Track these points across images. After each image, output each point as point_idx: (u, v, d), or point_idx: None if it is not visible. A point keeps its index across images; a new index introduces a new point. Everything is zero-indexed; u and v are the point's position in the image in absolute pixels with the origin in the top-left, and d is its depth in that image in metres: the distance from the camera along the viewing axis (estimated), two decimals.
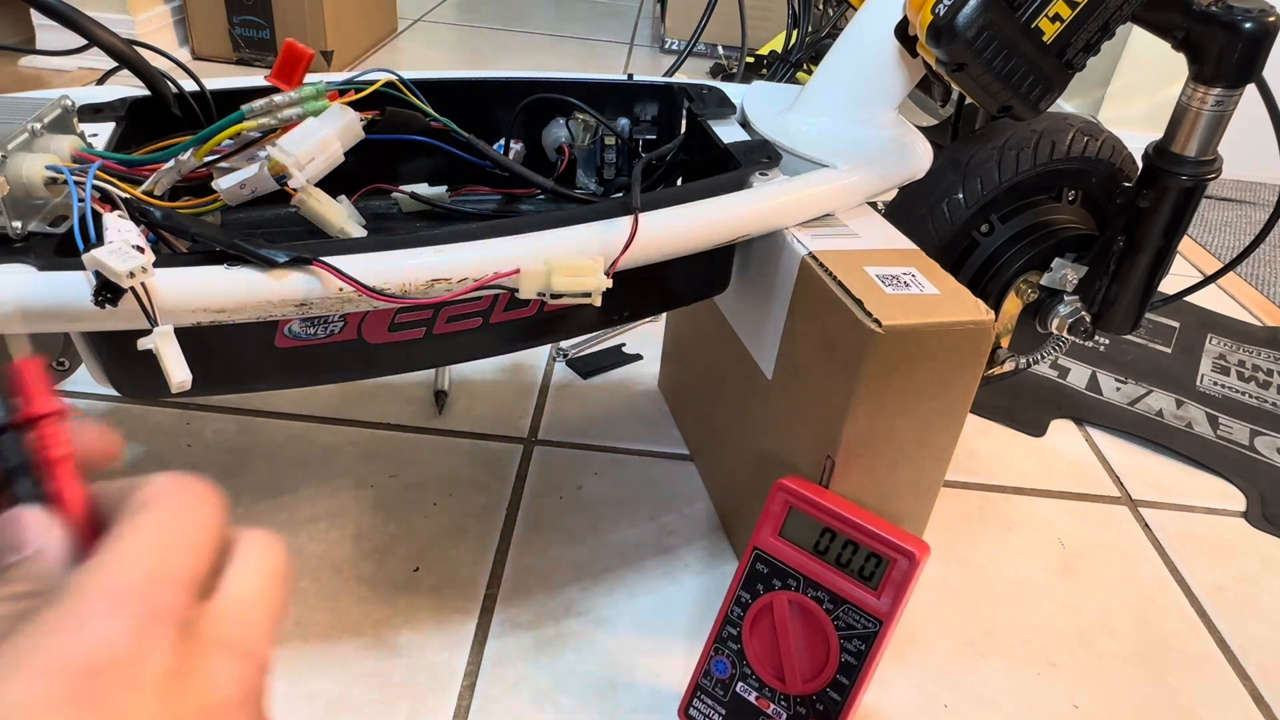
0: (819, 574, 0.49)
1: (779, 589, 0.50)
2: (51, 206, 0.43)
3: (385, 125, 0.55)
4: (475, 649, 0.63)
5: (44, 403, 0.25)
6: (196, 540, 0.25)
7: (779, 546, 0.51)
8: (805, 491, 0.51)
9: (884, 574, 0.49)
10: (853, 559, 0.49)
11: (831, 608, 0.48)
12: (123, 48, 0.50)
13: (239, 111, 0.47)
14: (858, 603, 0.49)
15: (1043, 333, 0.79)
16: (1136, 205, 0.71)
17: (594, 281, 0.46)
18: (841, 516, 0.50)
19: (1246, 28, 0.61)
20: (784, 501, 0.51)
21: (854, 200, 0.60)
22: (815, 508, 0.51)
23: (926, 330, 0.51)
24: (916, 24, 0.55)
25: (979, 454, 0.89)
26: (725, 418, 0.73)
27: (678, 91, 0.69)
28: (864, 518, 0.50)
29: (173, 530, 0.25)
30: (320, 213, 0.49)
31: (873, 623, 0.48)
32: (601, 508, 0.76)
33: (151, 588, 0.23)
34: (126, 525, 0.24)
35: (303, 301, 0.43)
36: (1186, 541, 0.82)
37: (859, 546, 0.50)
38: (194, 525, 0.25)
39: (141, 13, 1.69)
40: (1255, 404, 1.04)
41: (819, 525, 0.51)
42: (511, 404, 0.87)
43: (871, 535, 0.49)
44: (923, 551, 0.49)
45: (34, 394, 0.25)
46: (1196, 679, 0.68)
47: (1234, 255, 0.76)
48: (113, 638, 0.22)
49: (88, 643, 0.22)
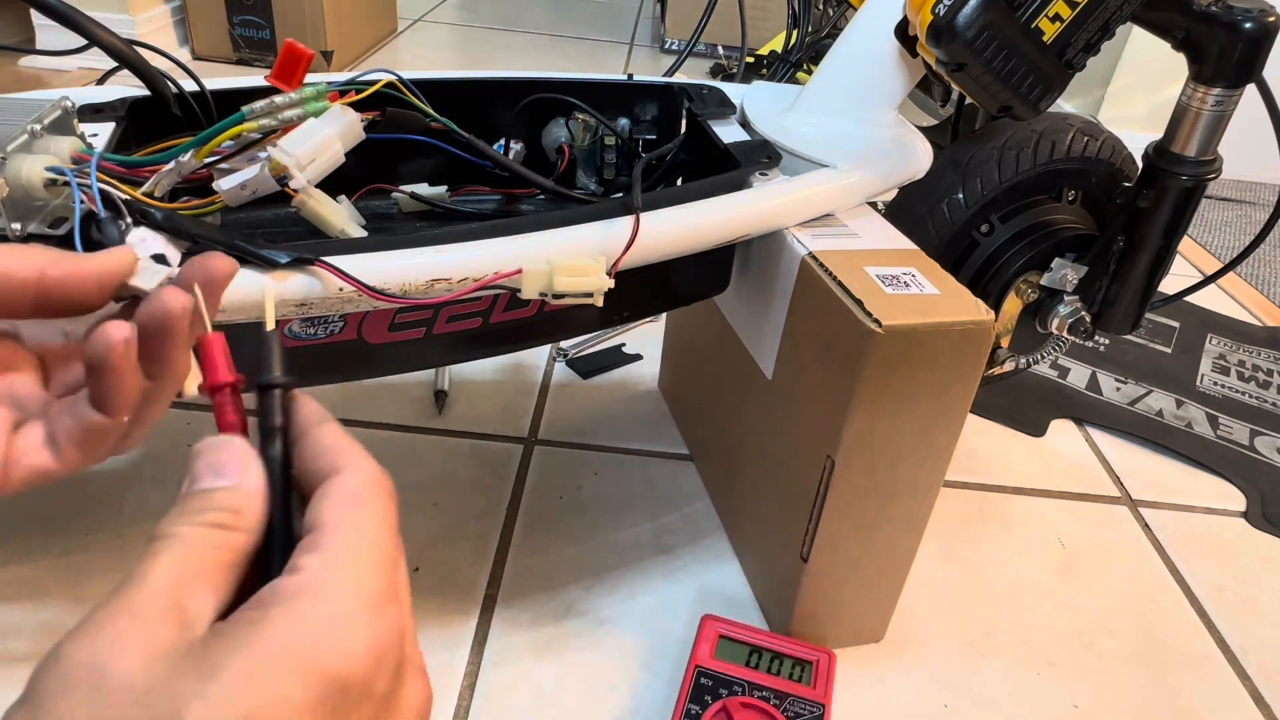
0: (759, 679, 0.58)
1: (727, 696, 0.57)
2: (51, 208, 0.43)
3: (386, 125, 0.55)
4: (475, 649, 0.63)
5: (225, 373, 0.27)
6: (400, 554, 0.25)
7: (718, 664, 0.59)
8: (730, 624, 0.62)
9: (813, 672, 0.60)
10: (782, 667, 0.60)
11: (779, 703, 0.57)
12: (123, 48, 0.50)
13: (239, 112, 0.47)
14: (800, 694, 0.58)
15: (1043, 333, 0.79)
16: (1136, 205, 0.71)
17: (596, 281, 0.46)
18: (764, 641, 0.61)
19: (1246, 28, 0.61)
20: (714, 633, 0.61)
21: (854, 200, 0.60)
22: (741, 635, 0.61)
23: (926, 330, 0.51)
24: (916, 24, 0.55)
25: (979, 454, 0.89)
26: (725, 418, 0.73)
27: (678, 91, 0.69)
28: (781, 640, 0.61)
29: (386, 541, 0.25)
30: (320, 213, 0.49)
31: (816, 707, 0.57)
32: (601, 508, 0.76)
33: (387, 603, 0.23)
34: (349, 526, 0.24)
35: (303, 302, 0.43)
36: (1186, 541, 0.82)
37: (785, 657, 0.60)
38: (393, 535, 0.25)
39: (141, 13, 1.69)
40: (1255, 404, 1.04)
41: (747, 647, 0.61)
42: (511, 404, 0.87)
43: (793, 647, 0.61)
44: (834, 655, 0.61)
45: (216, 365, 0.27)
46: (1196, 679, 0.68)
47: (1234, 255, 0.76)
48: (360, 652, 0.22)
49: (343, 653, 0.21)
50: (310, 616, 0.21)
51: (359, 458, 0.26)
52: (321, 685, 0.21)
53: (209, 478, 0.25)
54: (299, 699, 0.20)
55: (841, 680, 0.63)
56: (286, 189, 0.47)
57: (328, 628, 0.21)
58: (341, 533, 0.24)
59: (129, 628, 0.21)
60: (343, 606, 0.22)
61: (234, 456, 0.25)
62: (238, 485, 0.25)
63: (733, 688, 0.57)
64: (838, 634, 0.65)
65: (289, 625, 0.21)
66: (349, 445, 0.26)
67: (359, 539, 0.24)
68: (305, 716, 0.20)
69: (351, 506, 0.24)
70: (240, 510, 0.24)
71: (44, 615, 0.61)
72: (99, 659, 0.20)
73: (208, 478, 0.25)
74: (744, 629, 0.62)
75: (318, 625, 0.21)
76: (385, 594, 0.23)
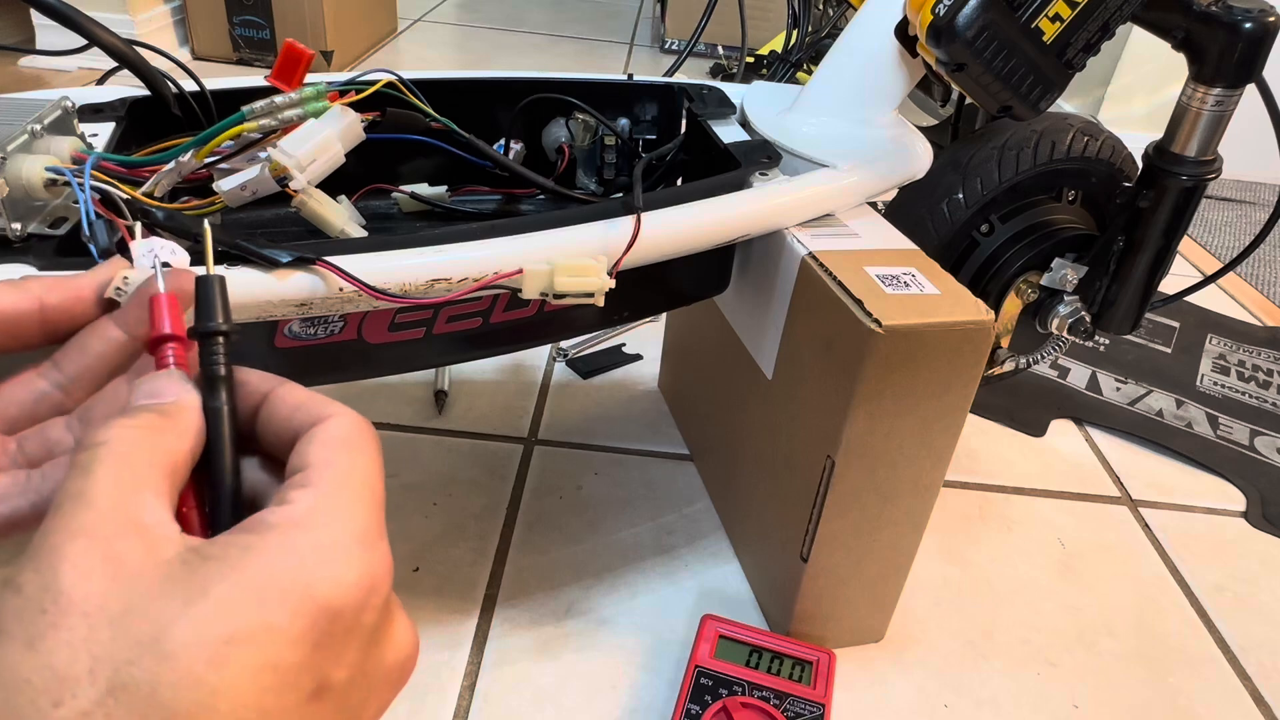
0: (759, 679, 0.58)
1: (726, 696, 0.57)
2: (51, 208, 0.43)
3: (386, 125, 0.55)
4: (475, 649, 0.63)
5: (168, 326, 0.27)
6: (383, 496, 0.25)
7: (717, 664, 0.59)
8: (730, 624, 0.62)
9: (812, 672, 0.60)
10: (782, 667, 0.60)
11: (778, 703, 0.57)
12: (123, 48, 0.50)
13: (240, 112, 0.47)
14: (800, 694, 0.58)
15: (1043, 333, 0.79)
16: (1136, 205, 0.71)
17: (597, 281, 0.46)
18: (764, 641, 0.61)
19: (1246, 28, 0.61)
20: (714, 633, 0.61)
21: (854, 200, 0.60)
22: (741, 635, 0.61)
23: (926, 330, 0.51)
24: (916, 24, 0.55)
25: (979, 454, 0.89)
26: (725, 418, 0.73)
27: (678, 91, 0.69)
28: (781, 640, 0.61)
29: (376, 481, 0.24)
30: (321, 214, 0.49)
31: (816, 707, 0.57)
32: (601, 508, 0.76)
33: (378, 539, 0.23)
34: (341, 464, 0.24)
35: (303, 301, 0.43)
36: (1186, 541, 0.82)
37: (785, 657, 0.60)
38: (381, 478, 0.25)
39: (141, 13, 1.69)
40: (1255, 404, 1.04)
41: (747, 647, 0.61)
42: (511, 404, 0.87)
43: (793, 647, 0.61)
44: (833, 655, 0.61)
45: (159, 319, 0.27)
46: (1196, 679, 0.68)
47: (1234, 255, 0.76)
48: (352, 583, 0.21)
49: (333, 581, 0.21)
50: (302, 545, 0.21)
51: (340, 406, 0.26)
52: (311, 614, 0.21)
53: (143, 401, 0.25)
54: (286, 625, 0.20)
55: (841, 680, 0.63)
56: (286, 189, 0.47)
57: (320, 556, 0.21)
58: (332, 469, 0.23)
59: (88, 549, 0.20)
60: (334, 537, 0.22)
61: (171, 383, 0.25)
62: (167, 403, 0.24)
63: (733, 688, 0.57)
64: (838, 634, 0.65)
65: (280, 552, 0.21)
66: (323, 398, 0.26)
67: (350, 476, 0.23)
68: (292, 644, 0.20)
69: (341, 448, 0.24)
70: (168, 413, 0.24)
71: None
72: (64, 584, 0.19)
73: (140, 399, 0.25)
74: (744, 629, 0.62)
75: (310, 554, 0.21)
76: (376, 530, 0.23)
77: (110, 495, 0.21)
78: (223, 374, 0.26)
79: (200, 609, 0.19)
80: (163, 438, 0.23)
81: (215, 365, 0.26)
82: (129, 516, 0.21)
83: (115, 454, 0.22)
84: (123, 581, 0.20)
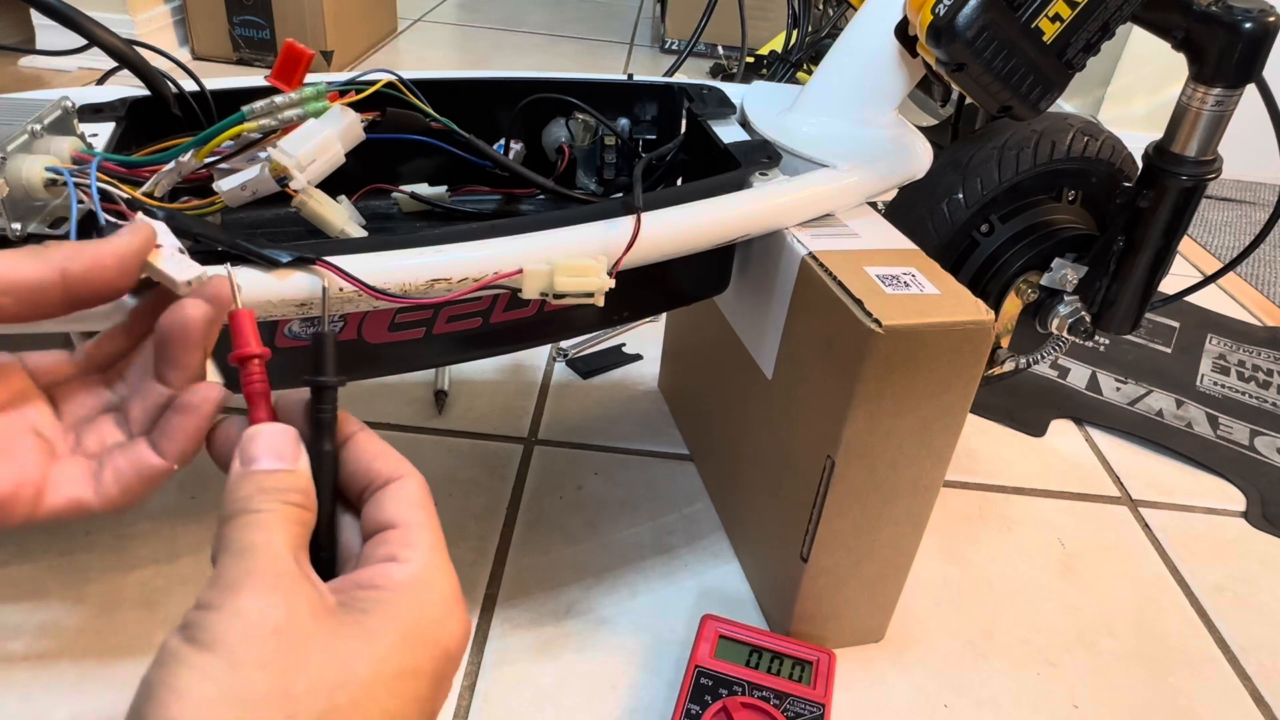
0: (759, 679, 0.58)
1: (726, 696, 0.57)
2: (51, 208, 0.43)
3: (386, 125, 0.55)
4: (475, 649, 0.63)
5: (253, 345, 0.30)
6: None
7: (717, 664, 0.59)
8: (730, 624, 0.62)
9: (812, 672, 0.60)
10: (782, 667, 0.60)
11: (778, 703, 0.57)
12: (123, 48, 0.50)
13: (239, 112, 0.47)
14: (800, 694, 0.58)
15: (1043, 333, 0.79)
16: (1136, 205, 0.71)
17: (597, 281, 0.46)
18: (764, 641, 0.61)
19: (1246, 28, 0.61)
20: (714, 632, 0.61)
21: (854, 200, 0.60)
22: (741, 635, 0.62)
23: (926, 330, 0.51)
24: (916, 24, 0.55)
25: (979, 454, 0.89)
26: (725, 418, 0.73)
27: (678, 91, 0.69)
28: (781, 640, 0.61)
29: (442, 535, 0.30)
30: (321, 214, 0.49)
31: (816, 707, 0.57)
32: (601, 508, 0.76)
33: (461, 593, 0.29)
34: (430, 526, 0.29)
35: (303, 301, 0.43)
36: (1186, 541, 0.82)
37: (785, 657, 0.60)
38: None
39: (141, 13, 1.69)
40: (1255, 404, 1.04)
41: (747, 647, 0.61)
42: (511, 404, 0.87)
43: (793, 647, 0.61)
44: (833, 655, 0.61)
45: (246, 338, 0.30)
46: (1196, 679, 0.68)
47: (1234, 255, 0.76)
48: (462, 634, 0.28)
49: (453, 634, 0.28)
50: (430, 603, 0.27)
51: (408, 464, 0.31)
52: (440, 658, 0.27)
53: (270, 459, 0.28)
54: (428, 666, 0.27)
55: (841, 680, 0.63)
56: (286, 189, 0.47)
57: (443, 612, 0.28)
58: (425, 531, 0.29)
59: (275, 585, 0.25)
60: (446, 595, 0.28)
61: (290, 443, 0.29)
62: (297, 470, 0.29)
63: (733, 688, 0.57)
64: (838, 634, 0.65)
65: (417, 608, 0.27)
66: (394, 452, 0.31)
67: (439, 538, 0.29)
68: (430, 680, 0.27)
69: (423, 509, 0.29)
70: (307, 492, 0.29)
71: (44, 615, 0.61)
72: (275, 612, 0.24)
73: (268, 459, 0.28)
74: (744, 629, 0.62)
75: (437, 610, 0.27)
76: (458, 587, 0.29)
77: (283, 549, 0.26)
78: (331, 420, 0.30)
79: (377, 650, 0.25)
80: (305, 515, 0.28)
81: (326, 414, 0.30)
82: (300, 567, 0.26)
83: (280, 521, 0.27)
84: (314, 616, 0.25)
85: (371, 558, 0.28)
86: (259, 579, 0.25)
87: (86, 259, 0.29)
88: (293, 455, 0.29)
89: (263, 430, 0.29)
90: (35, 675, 0.57)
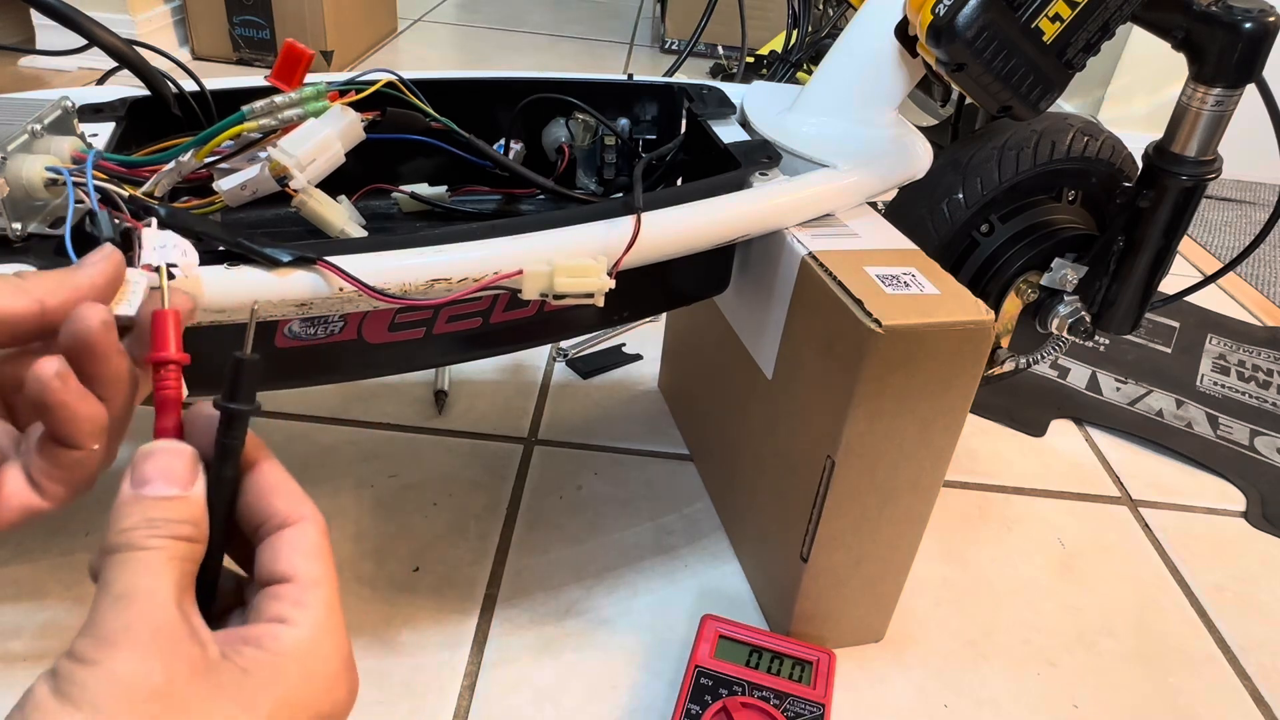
0: (759, 679, 0.58)
1: (726, 696, 0.57)
2: (51, 208, 0.43)
3: (386, 125, 0.55)
4: (475, 649, 0.63)
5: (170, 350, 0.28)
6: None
7: (717, 664, 0.59)
8: (730, 624, 0.62)
9: (812, 672, 0.60)
10: (782, 667, 0.60)
11: (778, 703, 0.57)
12: (123, 48, 0.50)
13: (239, 112, 0.47)
14: (800, 694, 0.58)
15: (1043, 333, 0.79)
16: (1136, 205, 0.71)
17: (597, 282, 0.46)
18: (764, 641, 0.61)
19: (1246, 28, 0.61)
20: (714, 632, 0.61)
21: (854, 200, 0.60)
22: (741, 635, 0.61)
23: (926, 330, 0.51)
24: (916, 24, 0.55)
25: (979, 454, 0.89)
26: (725, 418, 0.73)
27: (678, 91, 0.69)
28: (781, 640, 0.61)
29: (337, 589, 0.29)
30: (320, 213, 0.49)
31: (816, 707, 0.57)
32: (601, 508, 0.76)
33: (351, 658, 0.29)
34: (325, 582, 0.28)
35: (304, 301, 0.43)
36: (1186, 541, 0.82)
37: (785, 657, 0.60)
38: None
39: (141, 13, 1.69)
40: (1255, 404, 1.04)
41: (747, 647, 0.61)
42: (511, 404, 0.87)
43: (793, 647, 0.61)
44: (833, 655, 0.61)
45: (164, 340, 0.29)
46: (1196, 679, 0.68)
47: (1234, 255, 0.76)
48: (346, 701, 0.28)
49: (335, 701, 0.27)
50: (315, 674, 0.27)
51: (309, 505, 0.29)
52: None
53: (161, 483, 0.27)
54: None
55: (841, 680, 0.63)
56: (286, 189, 0.47)
57: (328, 684, 0.27)
58: (320, 589, 0.28)
59: (154, 642, 0.24)
60: (334, 667, 0.27)
61: (186, 465, 0.27)
62: (190, 496, 0.27)
63: (733, 688, 0.57)
64: (838, 634, 0.65)
65: (301, 677, 0.26)
66: (296, 488, 0.30)
67: (330, 594, 0.28)
68: None
69: (318, 559, 0.28)
70: (199, 523, 0.27)
71: (44, 615, 0.61)
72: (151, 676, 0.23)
73: (160, 483, 0.27)
74: (744, 629, 0.62)
75: (321, 681, 0.27)
76: (349, 648, 0.28)
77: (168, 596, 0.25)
78: (237, 448, 0.28)
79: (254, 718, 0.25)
80: (194, 549, 0.27)
81: (235, 440, 0.28)
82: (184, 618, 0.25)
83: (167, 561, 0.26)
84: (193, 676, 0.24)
85: (261, 614, 0.27)
86: (137, 636, 0.24)
87: (65, 292, 0.29)
88: (187, 479, 0.27)
89: (158, 450, 0.27)
90: (35, 675, 0.57)
